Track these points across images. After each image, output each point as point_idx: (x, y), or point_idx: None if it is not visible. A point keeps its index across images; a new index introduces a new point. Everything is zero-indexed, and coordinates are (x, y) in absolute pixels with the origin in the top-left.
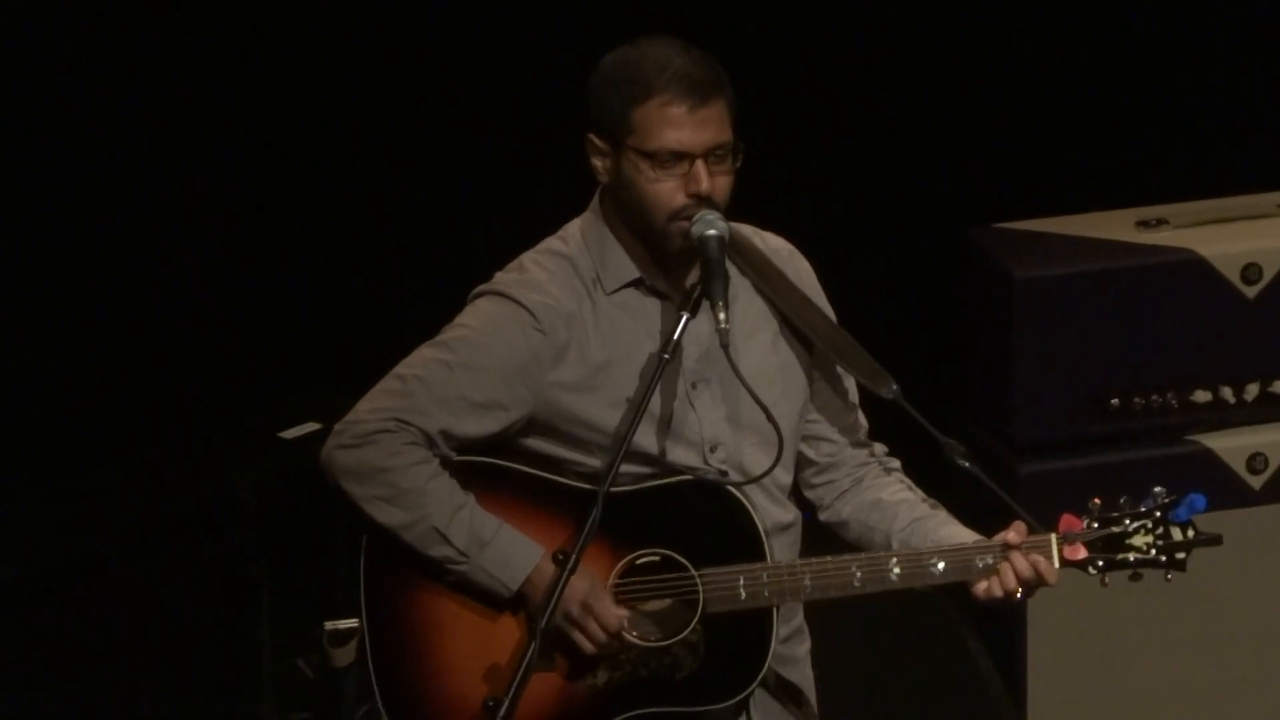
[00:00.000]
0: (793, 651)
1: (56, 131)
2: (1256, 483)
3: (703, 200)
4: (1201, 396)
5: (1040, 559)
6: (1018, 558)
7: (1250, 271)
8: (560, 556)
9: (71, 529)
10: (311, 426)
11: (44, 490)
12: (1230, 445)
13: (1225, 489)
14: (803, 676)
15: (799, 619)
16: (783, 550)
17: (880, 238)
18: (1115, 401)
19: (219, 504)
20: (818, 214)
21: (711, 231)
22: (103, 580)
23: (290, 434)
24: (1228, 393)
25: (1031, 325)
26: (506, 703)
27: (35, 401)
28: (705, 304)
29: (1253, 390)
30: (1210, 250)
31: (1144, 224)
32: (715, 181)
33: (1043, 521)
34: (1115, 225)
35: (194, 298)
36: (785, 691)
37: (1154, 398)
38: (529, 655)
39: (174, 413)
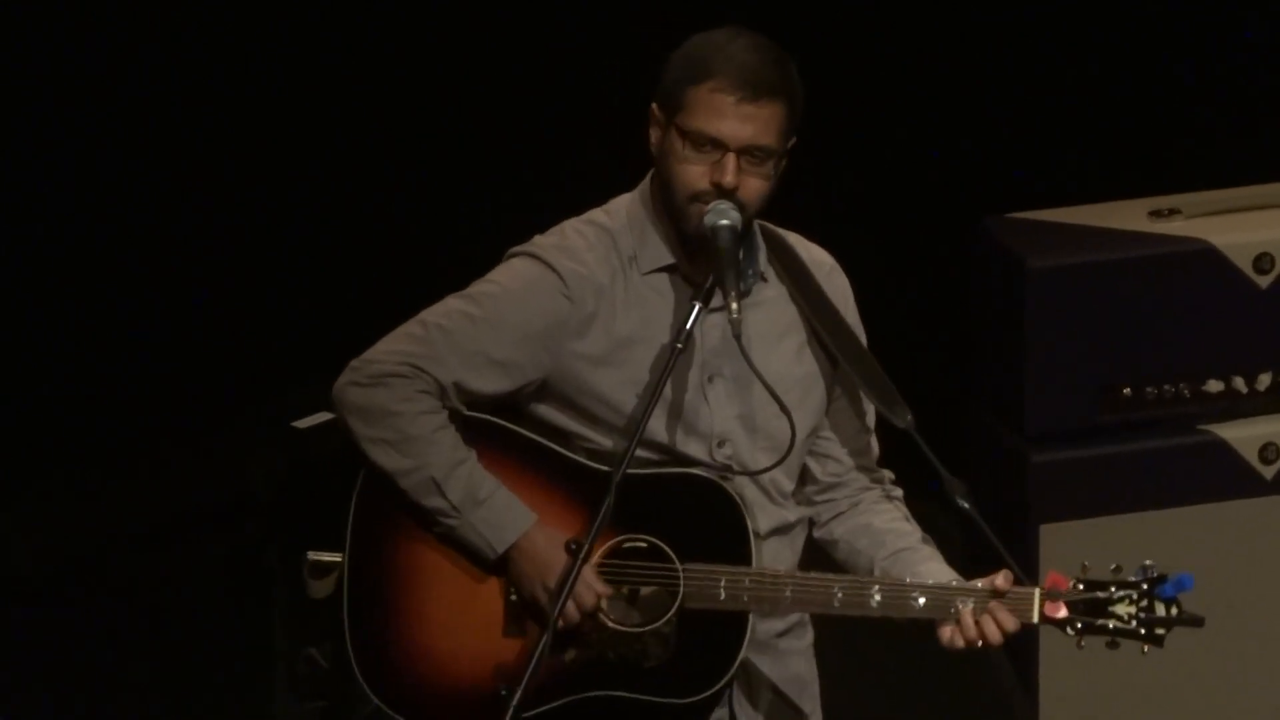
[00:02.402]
0: (791, 645)
1: (63, 124)
2: (1268, 473)
3: (724, 192)
4: (1214, 386)
5: (1009, 619)
6: (986, 618)
7: (1263, 261)
8: (573, 546)
9: (86, 521)
10: (325, 416)
11: (58, 483)
12: (1242, 435)
13: (1237, 479)
14: (802, 670)
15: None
16: (782, 549)
17: (893, 227)
18: (1127, 391)
19: (232, 494)
20: (830, 205)
21: (724, 222)
22: (117, 572)
23: (303, 424)
24: (1240, 382)
25: (1044, 315)
26: (519, 693)
27: (48, 396)
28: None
29: (1265, 380)
30: (1223, 240)
31: (1156, 214)
32: (745, 180)
33: (1053, 513)
34: (1128, 215)
35: (206, 289)
36: (776, 687)
37: (1166, 387)
38: (542, 645)
39: (187, 404)
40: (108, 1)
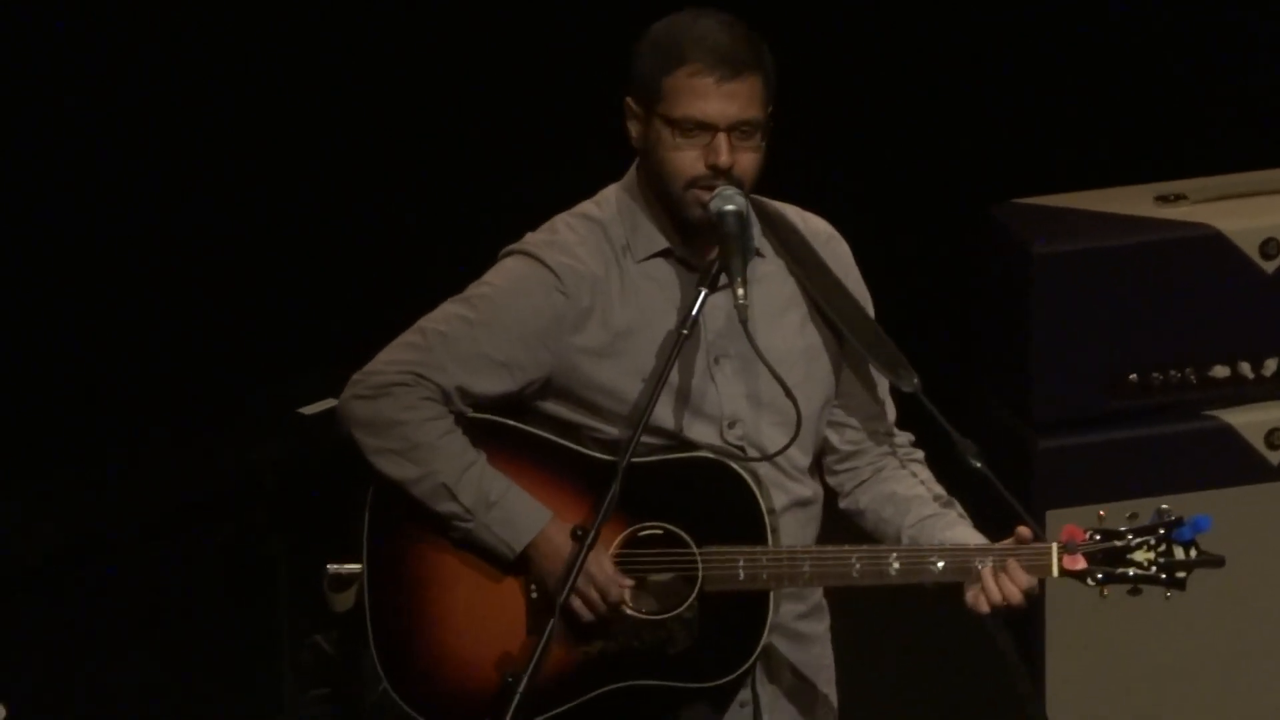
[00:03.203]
0: (809, 629)
1: (63, 124)
2: (1275, 458)
3: (721, 173)
4: (1220, 372)
5: (1024, 577)
6: (1006, 574)
7: (1269, 246)
8: (579, 532)
9: (91, 509)
10: (330, 402)
11: (64, 471)
12: (1249, 420)
13: (1243, 464)
14: (820, 653)
15: (818, 596)
16: (800, 526)
17: (900, 213)
18: (1134, 377)
19: (238, 481)
20: (837, 191)
21: (729, 206)
22: (123, 559)
23: (309, 410)
24: (1246, 368)
25: (1050, 301)
26: (525, 679)
27: (53, 385)
28: (725, 279)
29: (1271, 365)
30: (1229, 225)
31: (1163, 199)
32: (738, 157)
33: (1059, 498)
34: (1134, 200)
35: (211, 277)
36: (797, 670)
37: (1172, 373)
38: (546, 633)
39: (193, 391)
40: (108, 1)
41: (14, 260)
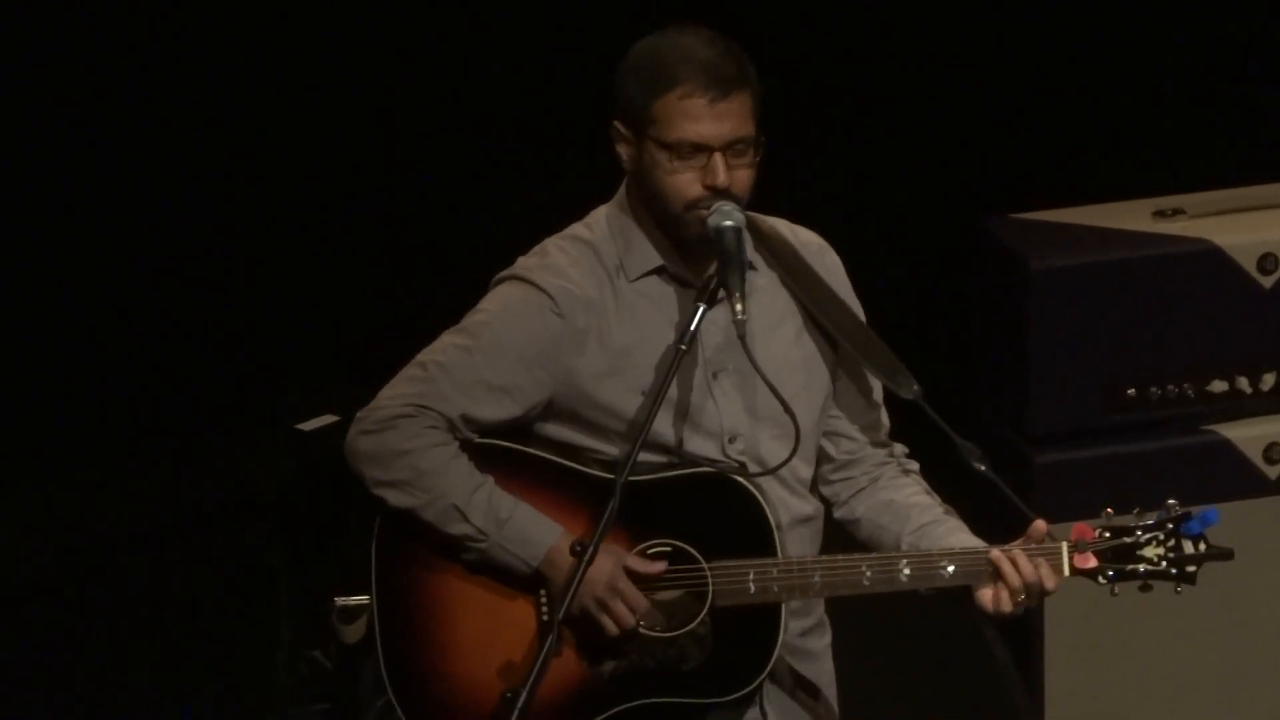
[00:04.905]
0: (812, 645)
1: (63, 124)
2: (1273, 472)
3: (719, 193)
4: (1218, 386)
5: (1044, 563)
6: (1023, 559)
7: (1267, 261)
8: (578, 548)
9: (91, 521)
10: (329, 419)
11: (64, 483)
12: (1247, 435)
13: (1241, 479)
14: (823, 670)
15: (819, 612)
16: (802, 543)
17: (897, 228)
18: (1131, 391)
19: (237, 496)
20: (833, 204)
21: (728, 223)
22: (121, 572)
23: (308, 426)
24: (1244, 382)
25: (1048, 315)
26: (524, 695)
27: (53, 398)
28: (724, 294)
29: (1269, 380)
30: (1227, 240)
31: (1160, 214)
32: (734, 175)
33: (1056, 513)
34: (1132, 215)
35: (212, 291)
36: (802, 686)
37: (1170, 388)
38: (546, 647)
39: (192, 406)
40: (108, 1)
41: (14, 268)
